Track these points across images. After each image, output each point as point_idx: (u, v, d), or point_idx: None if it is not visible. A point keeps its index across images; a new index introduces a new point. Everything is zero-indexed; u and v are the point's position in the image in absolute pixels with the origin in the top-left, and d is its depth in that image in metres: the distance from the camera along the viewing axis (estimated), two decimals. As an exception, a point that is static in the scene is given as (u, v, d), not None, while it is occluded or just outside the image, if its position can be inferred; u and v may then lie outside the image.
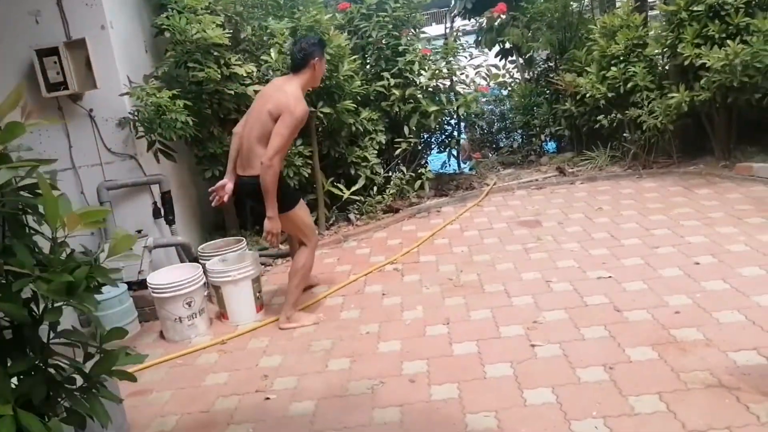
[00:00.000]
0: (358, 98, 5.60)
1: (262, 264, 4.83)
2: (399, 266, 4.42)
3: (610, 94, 6.16)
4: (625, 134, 6.22)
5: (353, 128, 5.56)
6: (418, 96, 5.93)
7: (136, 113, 4.10)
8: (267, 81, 5.32)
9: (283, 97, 3.24)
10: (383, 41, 5.81)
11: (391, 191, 5.69)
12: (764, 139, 5.86)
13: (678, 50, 5.45)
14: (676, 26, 5.53)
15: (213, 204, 3.56)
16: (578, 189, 6.02)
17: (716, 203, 4.79)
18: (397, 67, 5.79)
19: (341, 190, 5.50)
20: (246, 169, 3.38)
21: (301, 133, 3.89)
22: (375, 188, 5.74)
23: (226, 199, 3.53)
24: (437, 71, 5.84)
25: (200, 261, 4.11)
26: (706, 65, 5.19)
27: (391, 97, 5.84)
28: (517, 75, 8.18)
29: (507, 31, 7.63)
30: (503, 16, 6.27)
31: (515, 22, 7.63)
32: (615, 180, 6.13)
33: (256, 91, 4.71)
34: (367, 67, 6.10)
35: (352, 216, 5.62)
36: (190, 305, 3.60)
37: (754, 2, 5.27)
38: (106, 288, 1.36)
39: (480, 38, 8.08)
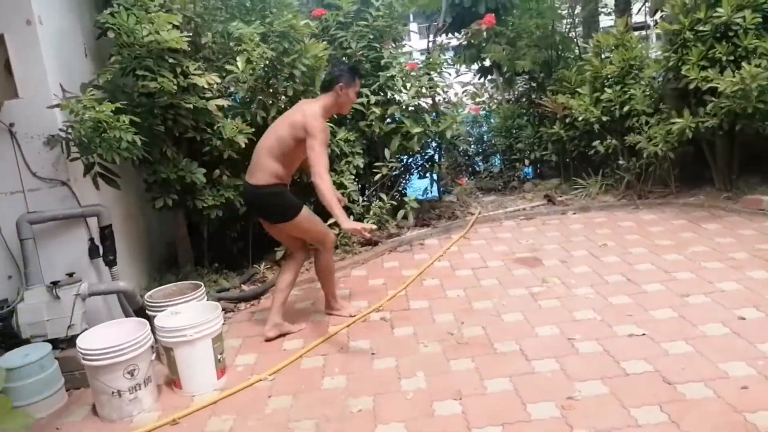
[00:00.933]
0: (334, 117, 4.94)
1: (223, 310, 4.10)
2: (386, 315, 3.77)
3: (604, 118, 5.73)
4: (619, 161, 5.78)
5: (329, 151, 4.90)
6: (401, 115, 5.36)
7: (69, 130, 3.33)
8: (230, 95, 4.64)
9: (300, 116, 3.31)
10: (362, 53, 5.20)
11: (371, 221, 5.05)
12: (766, 170, 5.52)
13: (682, 72, 5.05)
14: (679, 47, 5.14)
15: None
16: (572, 220, 5.53)
17: (732, 240, 4.36)
18: (377, 83, 5.18)
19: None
20: (250, 176, 3.44)
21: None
22: (352, 218, 5.07)
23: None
24: (421, 88, 5.27)
25: (147, 312, 3.36)
26: (717, 89, 4.80)
27: (369, 116, 5.23)
28: (496, 95, 7.71)
29: (488, 47, 7.16)
30: (491, 33, 5.80)
31: (497, 38, 7.17)
32: (610, 211, 5.67)
33: (218, 106, 4.01)
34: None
35: (325, 249, 4.94)
36: (132, 374, 2.84)
37: (763, 23, 4.93)
38: (26, 349, 0.68)
39: (459, 55, 7.60)
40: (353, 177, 5.12)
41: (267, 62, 4.09)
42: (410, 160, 6.08)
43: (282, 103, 4.26)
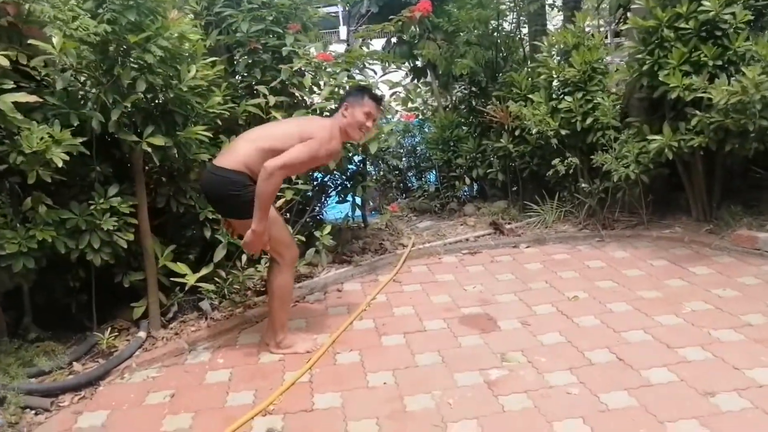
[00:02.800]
0: (218, 123, 3.64)
1: (32, 410, 2.70)
2: (277, 424, 2.49)
3: (563, 131, 4.70)
4: (581, 183, 4.78)
5: (210, 168, 3.59)
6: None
7: None
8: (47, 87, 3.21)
9: (315, 125, 3.01)
10: (258, 40, 3.91)
11: (266, 264, 3.74)
12: (748, 197, 4.67)
13: (659, 79, 4.08)
14: (655, 47, 4.18)
15: None
16: (527, 256, 4.46)
17: (736, 294, 3.39)
18: (279, 80, 3.90)
19: (190, 266, 3.46)
20: (218, 158, 2.96)
21: (123, 177, 3.18)
22: (244, 257, 3.76)
23: None
24: (338, 88, 4.03)
25: None
26: (704, 101, 3.87)
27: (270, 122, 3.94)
28: (431, 100, 6.60)
29: (421, 44, 6.04)
30: (427, 21, 4.63)
31: (432, 33, 6.06)
32: (571, 244, 4.64)
33: (19, 104, 2.61)
34: (236, 77, 4.17)
35: (206, 304, 3.60)
36: None
37: (754, 22, 4.05)
38: None
39: (389, 51, 6.44)
40: (246, 203, 3.81)
41: (98, 40, 2.72)
42: (327, 178, 4.83)
43: (129, 102, 2.90)
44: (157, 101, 3.16)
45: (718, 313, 3.16)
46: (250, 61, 3.97)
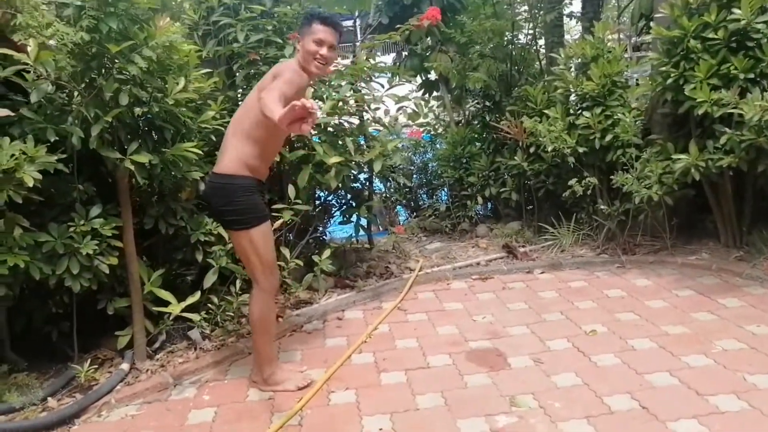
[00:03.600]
0: (212, 139, 3.44)
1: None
2: (259, 476, 2.24)
3: (581, 149, 4.43)
4: (599, 205, 4.49)
5: (203, 187, 3.38)
6: (318, 138, 3.92)
7: None
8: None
9: (270, 73, 2.64)
10: (258, 51, 3.71)
11: (263, 290, 3.51)
12: (781, 220, 4.35)
13: (685, 93, 3.80)
14: (680, 59, 3.90)
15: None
16: (541, 283, 4.17)
17: (772, 331, 3.08)
18: (278, 93, 3.70)
19: (185, 291, 3.24)
20: (215, 165, 2.71)
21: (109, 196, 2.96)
22: (238, 283, 3.53)
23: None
24: (341, 102, 3.81)
25: None
26: (734, 117, 3.58)
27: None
28: (443, 115, 6.36)
29: (433, 56, 5.82)
30: (435, 30, 4.38)
31: (444, 46, 5.84)
32: (588, 270, 4.35)
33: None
34: (239, 91, 3.97)
35: (195, 333, 3.37)
36: None
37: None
38: None
39: (400, 64, 6.23)
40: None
41: (74, 48, 2.53)
42: (330, 197, 4.60)
43: (111, 116, 2.70)
44: (143, 116, 2.95)
45: (752, 354, 2.84)
46: (248, 73, 3.76)
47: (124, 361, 3.10)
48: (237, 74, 3.76)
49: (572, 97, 4.76)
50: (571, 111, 4.62)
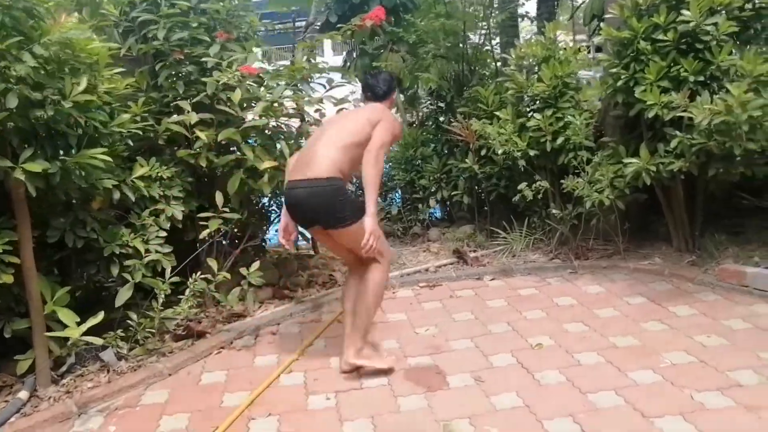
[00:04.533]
0: (129, 144, 3.16)
1: None
2: None
3: (531, 152, 4.27)
4: (552, 209, 4.33)
5: (118, 196, 3.09)
6: (252, 141, 3.67)
7: None
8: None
9: (377, 111, 2.99)
10: (181, 48, 3.44)
11: (188, 304, 3.24)
12: (733, 224, 4.26)
13: (636, 95, 3.66)
14: (630, 61, 3.76)
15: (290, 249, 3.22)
16: (491, 291, 3.99)
17: (723, 343, 2.91)
18: (204, 94, 3.43)
19: (80, 317, 2.92)
20: (302, 171, 2.80)
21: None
22: (161, 298, 3.24)
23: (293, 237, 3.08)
24: (274, 104, 3.56)
25: None
26: (684, 121, 3.45)
27: (195, 142, 3.47)
28: (396, 116, 6.15)
29: (384, 56, 5.61)
30: (379, 31, 4.15)
31: (396, 45, 5.64)
32: (540, 276, 4.18)
33: None
34: (162, 93, 3.67)
35: (109, 354, 3.07)
36: None
37: (738, 35, 3.64)
38: None
39: (349, 64, 6.00)
40: (164, 236, 3.31)
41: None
42: (270, 202, 4.34)
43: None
44: (41, 119, 2.66)
45: (701, 369, 2.69)
46: (172, 74, 3.49)
47: (23, 388, 2.79)
48: (160, 73, 3.47)
49: (526, 99, 4.61)
50: (522, 113, 4.45)
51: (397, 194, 5.75)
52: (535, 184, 4.17)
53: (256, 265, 3.38)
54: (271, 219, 4.32)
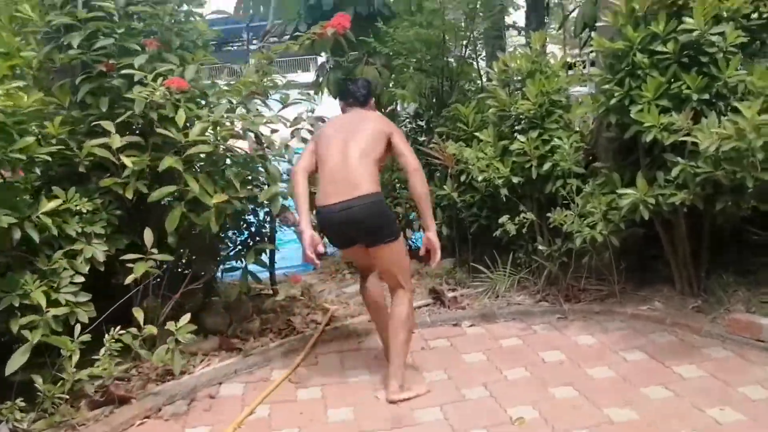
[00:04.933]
0: (36, 172, 2.66)
1: None
2: None
3: (515, 179, 3.79)
4: (538, 244, 3.84)
5: (18, 235, 2.59)
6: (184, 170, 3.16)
7: None
8: None
9: (382, 119, 3.10)
10: (109, 60, 2.96)
11: (104, 366, 2.72)
12: (742, 261, 3.78)
13: (631, 116, 3.19)
14: (625, 76, 3.30)
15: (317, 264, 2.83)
16: (469, 342, 3.49)
17: (739, 417, 2.42)
18: (128, 113, 2.94)
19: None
20: (349, 191, 2.75)
21: None
22: (74, 357, 2.72)
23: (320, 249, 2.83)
24: (216, 124, 3.06)
25: None
26: (687, 146, 2.98)
27: (124, 169, 2.97)
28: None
29: (359, 69, 5.15)
30: (343, 41, 3.65)
31: (372, 58, 5.18)
32: (526, 322, 3.69)
33: None
34: (86, 111, 3.16)
35: (4, 429, 2.55)
36: None
37: (747, 46, 3.19)
38: None
39: (321, 79, 5.53)
40: (80, 282, 2.80)
41: None
42: (226, 234, 3.84)
43: None
44: None
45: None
46: (96, 87, 3.00)
47: None
48: (80, 88, 2.97)
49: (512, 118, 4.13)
50: (505, 134, 3.97)
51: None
52: (519, 216, 3.69)
53: (185, 319, 2.85)
54: (226, 253, 3.79)
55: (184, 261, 3.60)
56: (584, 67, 7.64)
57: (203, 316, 3.63)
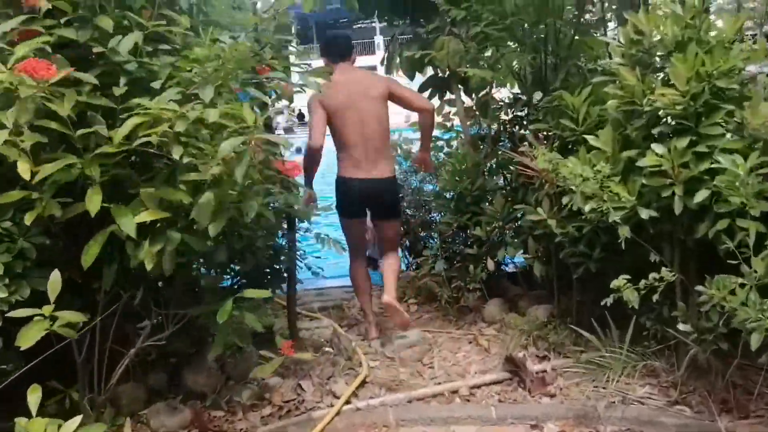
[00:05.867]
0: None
1: None
2: None
3: (645, 213, 2.39)
4: (679, 316, 2.42)
5: None
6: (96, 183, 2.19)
7: None
8: None
9: (383, 83, 3.32)
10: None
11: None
12: None
13: None
14: None
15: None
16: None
17: None
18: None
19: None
20: (374, 168, 3.15)
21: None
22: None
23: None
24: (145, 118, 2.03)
25: None
26: None
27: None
28: (458, 124, 4.38)
29: (439, 42, 3.90)
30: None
31: (456, 27, 3.91)
32: (649, 439, 2.33)
33: None
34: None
35: None
36: None
37: None
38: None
39: (391, 55, 4.34)
40: None
41: None
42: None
43: None
44: None
45: None
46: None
47: None
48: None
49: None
50: (636, 140, 2.55)
51: (432, 242, 4.09)
52: (650, 276, 2.29)
53: (75, 421, 1.85)
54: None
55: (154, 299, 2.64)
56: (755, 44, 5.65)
57: (185, 372, 2.72)
